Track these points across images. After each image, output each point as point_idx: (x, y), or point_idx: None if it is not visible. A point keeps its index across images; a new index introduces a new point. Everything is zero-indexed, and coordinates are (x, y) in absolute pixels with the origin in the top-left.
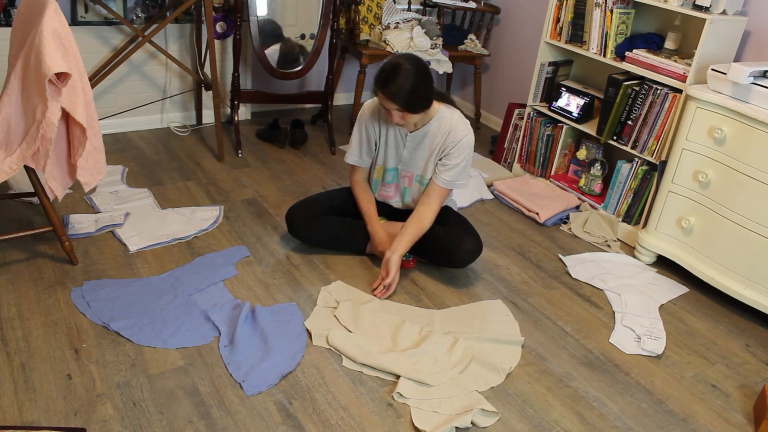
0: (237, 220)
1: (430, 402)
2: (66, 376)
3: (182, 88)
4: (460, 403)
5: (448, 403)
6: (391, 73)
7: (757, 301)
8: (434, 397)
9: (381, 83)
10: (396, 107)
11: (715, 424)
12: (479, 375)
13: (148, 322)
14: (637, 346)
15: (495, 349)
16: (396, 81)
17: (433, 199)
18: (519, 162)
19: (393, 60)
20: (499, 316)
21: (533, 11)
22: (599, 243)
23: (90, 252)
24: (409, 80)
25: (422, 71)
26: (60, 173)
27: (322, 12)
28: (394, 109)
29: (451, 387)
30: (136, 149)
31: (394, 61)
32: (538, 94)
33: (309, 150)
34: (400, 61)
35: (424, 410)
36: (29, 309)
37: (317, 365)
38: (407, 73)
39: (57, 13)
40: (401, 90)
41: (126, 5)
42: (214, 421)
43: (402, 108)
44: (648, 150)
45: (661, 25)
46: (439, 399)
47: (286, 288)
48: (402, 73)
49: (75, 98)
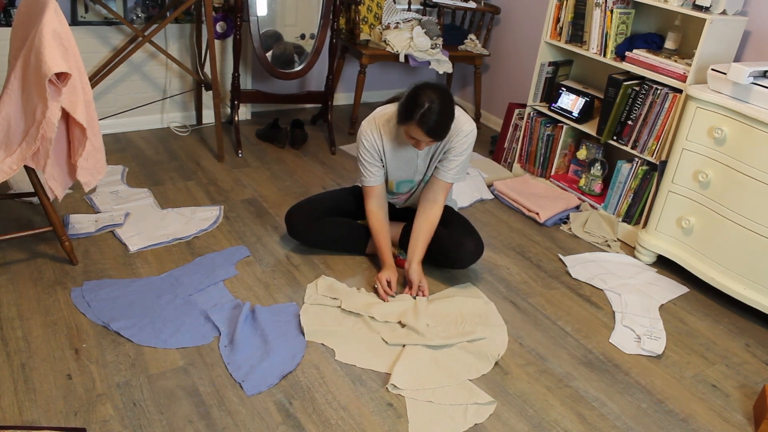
0: (237, 220)
1: (423, 392)
2: (66, 376)
3: (182, 88)
4: (454, 393)
5: (442, 392)
6: (438, 114)
7: (757, 301)
8: (428, 387)
9: (427, 126)
10: (431, 141)
11: (715, 424)
12: (469, 364)
13: (148, 322)
14: (637, 346)
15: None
16: (442, 122)
17: (439, 196)
18: (519, 162)
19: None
20: (476, 302)
21: (533, 11)
22: (599, 243)
23: (90, 252)
24: (448, 117)
25: (450, 101)
26: (60, 173)
27: (322, 12)
28: (429, 142)
29: (443, 376)
30: (136, 149)
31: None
32: (538, 94)
33: (309, 150)
34: (434, 94)
35: (419, 401)
36: (29, 309)
37: (317, 365)
38: (446, 110)
39: (57, 13)
40: (442, 129)
41: (126, 5)
42: (214, 421)
43: (436, 141)
44: (648, 150)
45: (661, 25)
46: (433, 389)
47: (286, 288)
48: (446, 110)
49: (75, 98)
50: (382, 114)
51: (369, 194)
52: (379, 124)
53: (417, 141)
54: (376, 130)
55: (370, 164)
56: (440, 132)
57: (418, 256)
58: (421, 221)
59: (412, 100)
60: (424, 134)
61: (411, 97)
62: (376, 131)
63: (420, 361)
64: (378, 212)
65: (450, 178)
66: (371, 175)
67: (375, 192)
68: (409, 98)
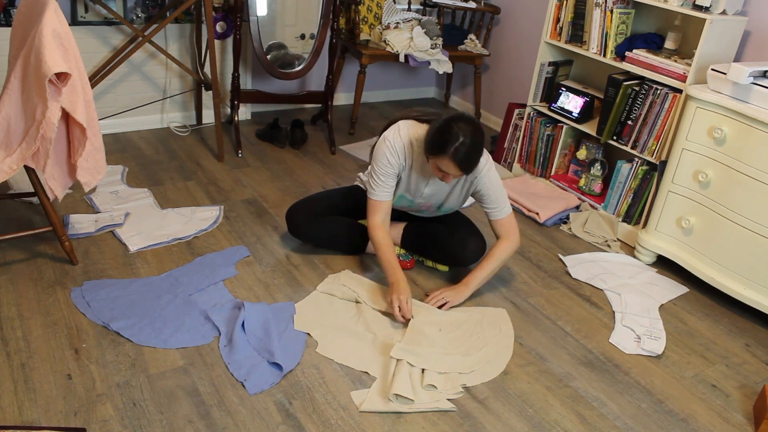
0: (237, 220)
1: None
2: (66, 376)
3: (182, 88)
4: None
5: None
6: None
7: (757, 301)
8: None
9: (460, 160)
10: (460, 174)
11: (715, 424)
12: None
13: (148, 322)
14: (637, 346)
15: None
16: (474, 157)
17: (511, 233)
18: (519, 162)
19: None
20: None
21: (533, 11)
22: (599, 243)
23: (90, 252)
24: (479, 152)
25: (481, 135)
26: (60, 173)
27: (322, 12)
28: (457, 175)
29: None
30: (136, 149)
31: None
32: (538, 94)
33: (309, 150)
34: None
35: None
36: (29, 309)
37: (317, 365)
38: (478, 145)
39: (57, 13)
40: (473, 163)
41: (126, 5)
42: (214, 421)
43: (466, 174)
44: (648, 150)
45: (661, 25)
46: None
47: (286, 288)
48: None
49: (75, 98)
50: (408, 132)
51: (376, 208)
52: (404, 141)
53: (444, 174)
54: (401, 147)
55: (387, 177)
56: (472, 166)
57: (474, 283)
58: (493, 253)
59: (445, 133)
60: (456, 168)
61: (444, 129)
62: (401, 149)
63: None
64: (382, 226)
65: (502, 213)
66: (384, 189)
67: (383, 207)
68: (441, 130)
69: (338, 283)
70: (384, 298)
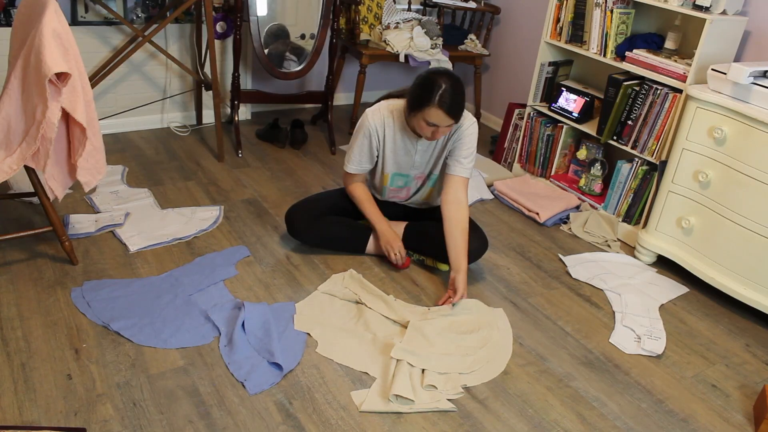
0: (237, 220)
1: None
2: (66, 376)
3: (182, 88)
4: (441, 380)
5: (430, 374)
6: (454, 94)
7: (757, 301)
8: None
9: (447, 106)
10: (451, 124)
11: (715, 424)
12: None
13: (148, 322)
14: (637, 346)
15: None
16: (459, 102)
17: (461, 194)
18: (519, 162)
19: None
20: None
21: (533, 11)
22: (599, 243)
23: (90, 252)
24: (463, 97)
25: (461, 82)
26: (60, 173)
27: (322, 12)
28: (448, 125)
29: (442, 362)
30: (136, 149)
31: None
32: (538, 94)
33: (309, 150)
34: (445, 77)
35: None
36: (29, 309)
37: (317, 365)
38: (461, 90)
39: (57, 13)
40: (460, 109)
41: (126, 5)
42: (214, 421)
43: (455, 123)
44: (648, 150)
45: (661, 25)
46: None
47: (286, 288)
48: (460, 91)
49: (75, 98)
50: (387, 104)
51: (351, 179)
52: (383, 113)
53: (434, 128)
54: (379, 118)
55: (362, 151)
56: (459, 112)
57: (464, 266)
58: (452, 228)
59: (426, 85)
60: (444, 115)
61: (424, 82)
62: (379, 118)
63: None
64: (361, 185)
65: (465, 172)
66: (359, 162)
67: (356, 179)
68: (422, 84)
69: (340, 284)
70: (386, 303)
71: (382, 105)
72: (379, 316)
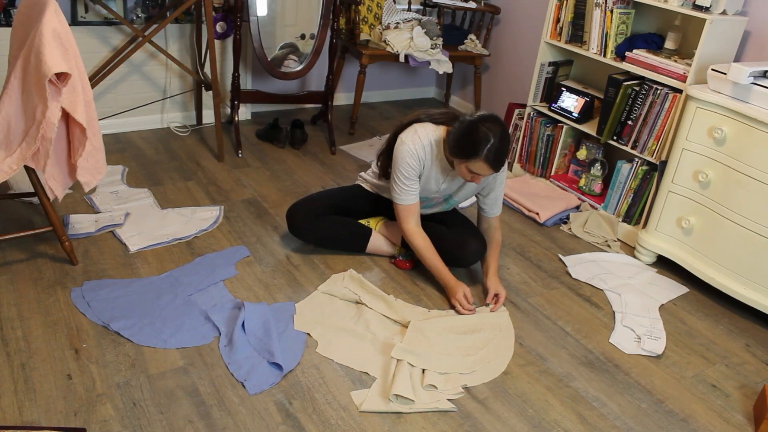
0: (237, 220)
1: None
2: (66, 376)
3: (182, 88)
4: (441, 380)
5: (430, 374)
6: (500, 149)
7: (757, 301)
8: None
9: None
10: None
11: (715, 424)
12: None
13: (148, 322)
14: (637, 346)
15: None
16: (505, 155)
17: (497, 231)
18: (519, 162)
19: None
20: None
21: (533, 11)
22: (599, 243)
23: (90, 252)
24: (508, 147)
25: (507, 129)
26: (60, 173)
27: (322, 12)
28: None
29: (443, 362)
30: (136, 149)
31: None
32: (538, 94)
33: (309, 150)
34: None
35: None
36: (29, 309)
37: (317, 365)
38: (507, 141)
39: (57, 13)
40: (504, 161)
41: (126, 5)
42: (214, 421)
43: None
44: (648, 150)
45: (661, 25)
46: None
47: (286, 288)
48: (506, 144)
49: (75, 98)
50: (424, 133)
51: (408, 212)
52: (423, 141)
53: (475, 175)
54: (420, 145)
55: (411, 181)
56: (502, 165)
57: (494, 269)
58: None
59: (474, 137)
60: (489, 168)
61: (472, 133)
62: (420, 145)
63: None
64: (418, 230)
65: (498, 211)
66: (411, 192)
67: (413, 209)
68: (470, 134)
69: (340, 284)
70: (386, 303)
71: (419, 132)
72: (380, 316)
